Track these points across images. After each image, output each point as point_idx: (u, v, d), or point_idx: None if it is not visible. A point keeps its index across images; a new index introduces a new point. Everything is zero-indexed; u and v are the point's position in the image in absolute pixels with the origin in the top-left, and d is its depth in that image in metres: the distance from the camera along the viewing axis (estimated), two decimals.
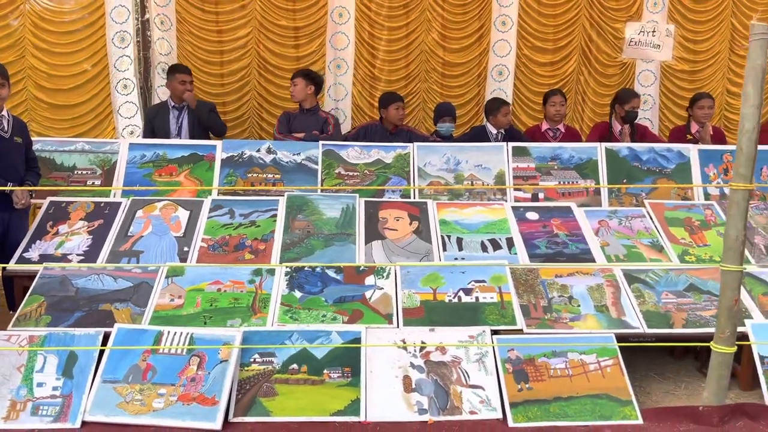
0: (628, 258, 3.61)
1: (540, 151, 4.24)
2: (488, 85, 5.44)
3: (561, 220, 3.88)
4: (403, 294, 3.28)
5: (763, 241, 3.76)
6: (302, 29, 5.23)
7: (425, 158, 4.19)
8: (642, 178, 4.20)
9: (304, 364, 2.92)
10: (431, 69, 5.38)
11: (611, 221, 3.88)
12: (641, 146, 4.27)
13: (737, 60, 5.53)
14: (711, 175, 4.22)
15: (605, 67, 5.47)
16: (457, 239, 3.70)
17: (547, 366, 2.96)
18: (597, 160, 4.22)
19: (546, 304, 3.27)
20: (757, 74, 2.56)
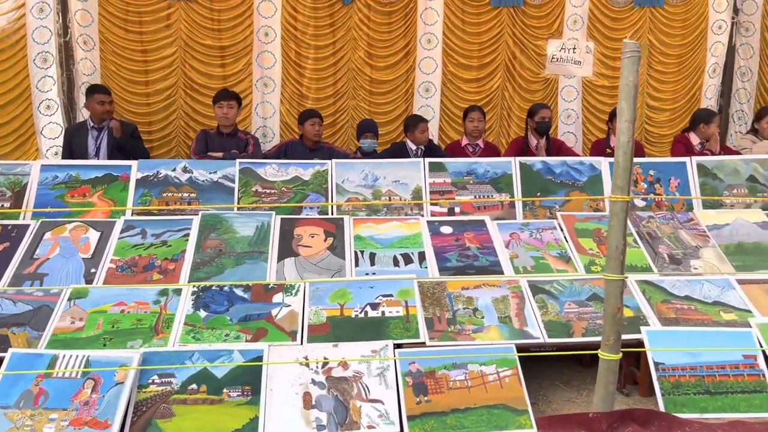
0: (536, 269, 3.71)
1: (456, 167, 4.33)
2: (416, 102, 5.54)
3: (474, 234, 3.96)
4: (310, 311, 3.31)
5: (667, 250, 3.90)
6: (228, 48, 5.26)
7: (343, 175, 4.24)
8: (555, 191, 4.32)
9: (204, 384, 2.91)
10: (359, 86, 5.46)
11: (522, 234, 3.97)
12: (554, 160, 4.40)
13: (655, 75, 5.75)
14: None
15: (529, 83, 5.63)
16: (370, 254, 3.74)
17: (446, 378, 3.01)
18: (511, 174, 4.32)
19: (450, 316, 3.32)
20: (630, 90, 2.69)
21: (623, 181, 2.74)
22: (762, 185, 4.39)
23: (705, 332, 3.30)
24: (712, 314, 3.43)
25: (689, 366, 3.16)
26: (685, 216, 4.17)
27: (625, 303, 3.50)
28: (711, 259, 3.84)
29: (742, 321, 3.38)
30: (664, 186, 4.38)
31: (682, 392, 3.08)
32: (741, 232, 4.04)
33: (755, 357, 3.20)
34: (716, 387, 3.10)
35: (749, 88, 5.84)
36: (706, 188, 4.36)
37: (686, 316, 3.42)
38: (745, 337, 3.28)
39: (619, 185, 2.74)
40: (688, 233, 4.03)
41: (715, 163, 4.43)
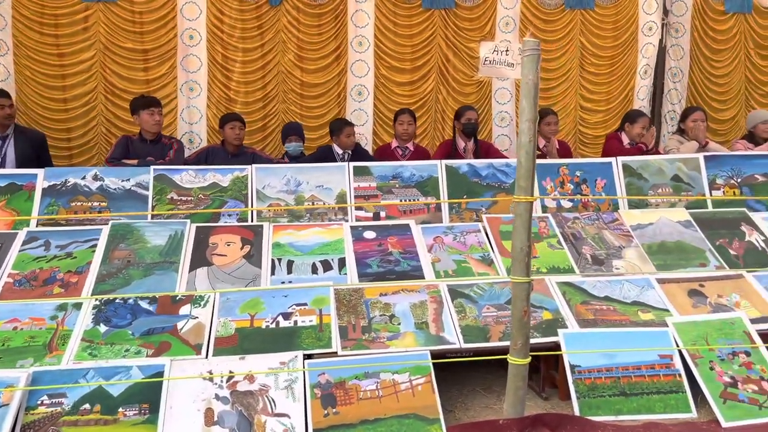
0: (457, 273, 3.65)
1: (381, 170, 4.26)
2: (348, 105, 5.46)
3: (397, 238, 3.89)
4: (218, 322, 3.18)
5: (590, 251, 3.89)
6: (151, 52, 5.10)
7: (264, 180, 4.12)
8: (481, 194, 4.28)
9: (98, 404, 2.76)
10: (289, 90, 5.36)
11: (446, 237, 3.92)
12: (481, 162, 4.37)
13: (588, 77, 5.80)
14: (548, 188, 4.35)
15: (462, 85, 5.61)
16: (288, 262, 3.64)
17: (357, 388, 2.92)
18: (438, 177, 4.27)
19: (366, 324, 3.24)
20: (530, 89, 2.65)
21: (526, 181, 2.70)
22: (686, 184, 4.43)
23: (621, 333, 3.28)
24: (631, 314, 3.42)
25: (605, 368, 3.14)
26: (610, 216, 4.17)
27: (545, 305, 3.50)
28: (633, 259, 3.84)
29: (660, 320, 3.38)
30: (591, 186, 4.39)
31: (597, 394, 3.06)
32: (664, 232, 4.07)
33: (671, 357, 3.20)
34: (632, 388, 3.08)
35: (680, 89, 5.93)
36: (632, 188, 4.39)
37: (605, 317, 3.40)
38: (662, 337, 3.28)
39: (522, 186, 2.70)
40: (612, 233, 4.03)
41: (640, 163, 4.46)
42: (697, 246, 3.97)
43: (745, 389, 3.08)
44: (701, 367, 3.17)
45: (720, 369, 3.16)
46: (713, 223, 4.15)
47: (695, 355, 3.21)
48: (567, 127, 5.77)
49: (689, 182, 4.44)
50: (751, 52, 5.93)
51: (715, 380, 3.11)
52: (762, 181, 4.52)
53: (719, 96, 5.94)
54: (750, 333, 3.32)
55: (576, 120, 5.81)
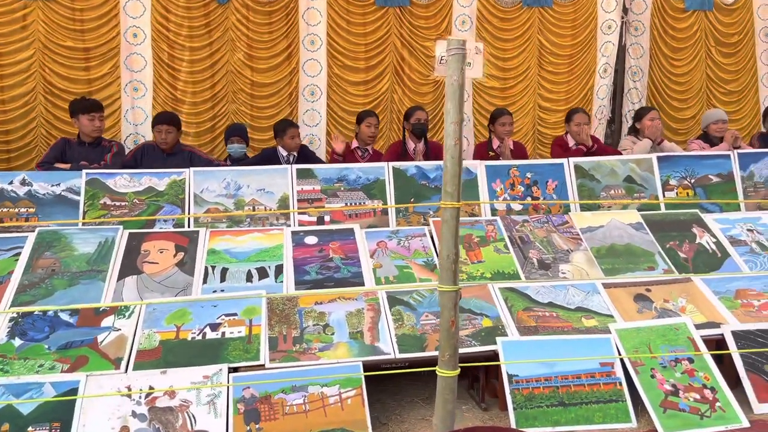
0: (398, 279, 3.56)
1: (326, 173, 4.15)
2: (300, 105, 5.35)
3: (340, 243, 3.79)
4: (142, 334, 3.05)
5: (537, 255, 3.81)
6: (93, 50, 4.95)
7: (202, 184, 4.00)
8: (429, 197, 4.19)
9: (6, 422, 2.63)
10: (239, 90, 5.23)
11: (390, 242, 3.82)
12: (429, 164, 4.28)
13: (546, 76, 5.73)
14: (498, 191, 4.27)
15: (418, 85, 5.52)
16: (222, 270, 3.52)
17: (283, 403, 2.82)
18: (384, 179, 4.17)
19: (298, 334, 3.13)
20: (455, 90, 2.55)
21: (452, 186, 2.60)
22: (639, 186, 4.38)
23: (562, 341, 3.21)
24: (574, 321, 3.35)
25: (544, 377, 3.06)
26: (560, 219, 4.10)
27: (485, 312, 3.41)
28: (580, 263, 3.78)
29: (603, 327, 3.31)
30: (542, 188, 4.31)
31: (535, 405, 2.98)
32: (614, 234, 4.00)
33: (612, 365, 3.13)
34: (570, 398, 3.01)
35: (640, 88, 5.89)
36: (584, 190, 4.32)
37: (547, 324, 3.33)
38: (603, 345, 3.21)
39: (448, 191, 2.60)
40: (562, 237, 3.96)
41: (592, 164, 4.40)
42: (646, 249, 3.91)
43: (686, 397, 3.02)
44: (642, 375, 3.10)
45: (661, 377, 3.10)
46: (664, 225, 4.10)
47: (637, 363, 3.15)
48: (525, 127, 5.71)
49: (642, 183, 4.39)
50: (712, 50, 5.90)
51: (656, 388, 3.05)
52: (716, 181, 4.48)
53: (679, 95, 5.91)
54: (694, 339, 3.27)
55: (535, 120, 5.74)
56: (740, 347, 3.25)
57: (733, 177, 4.50)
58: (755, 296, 3.60)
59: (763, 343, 3.29)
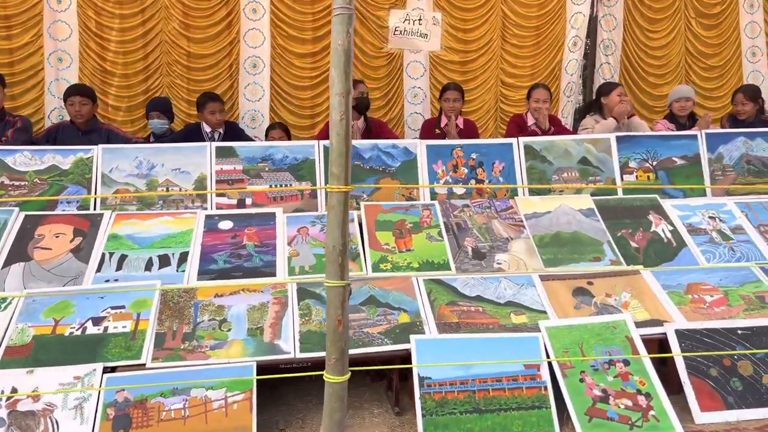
0: (314, 269, 3.28)
1: (249, 152, 3.86)
2: (242, 79, 5.04)
3: (257, 229, 3.51)
4: (15, 329, 2.79)
5: (473, 243, 3.53)
6: (13, 18, 4.64)
7: (112, 162, 3.71)
8: (363, 178, 3.90)
9: None
10: (173, 61, 4.92)
11: (313, 228, 3.54)
12: (364, 143, 3.99)
13: (510, 49, 5.40)
14: (439, 173, 3.97)
15: (371, 58, 5.19)
16: (120, 257, 3.25)
17: (160, 407, 2.56)
18: (314, 159, 3.88)
19: (190, 330, 2.87)
20: (340, 56, 2.25)
21: (339, 167, 2.30)
22: (594, 168, 4.07)
23: (484, 339, 2.94)
24: (501, 317, 3.07)
25: (459, 380, 2.79)
26: (504, 204, 3.81)
27: (404, 306, 3.13)
28: (519, 253, 3.49)
29: (533, 324, 3.03)
30: (487, 170, 4.01)
31: (447, 411, 2.71)
32: (561, 221, 3.71)
33: (538, 367, 2.86)
34: (488, 404, 2.74)
35: (613, 63, 5.54)
36: (534, 172, 4.02)
37: (470, 321, 3.05)
38: (530, 344, 2.94)
39: (334, 173, 2.30)
40: (503, 223, 3.67)
41: (544, 144, 4.09)
42: (594, 237, 3.62)
43: (616, 404, 2.75)
44: (570, 378, 2.83)
45: (591, 381, 2.82)
46: (618, 212, 3.81)
47: (565, 365, 2.87)
48: (487, 104, 5.38)
49: (598, 165, 4.08)
50: (692, 22, 5.53)
51: (584, 394, 2.78)
52: (680, 164, 4.17)
53: (656, 70, 5.55)
54: (632, 339, 2.99)
55: (497, 97, 5.41)
56: (684, 348, 2.98)
57: (700, 159, 4.19)
58: (708, 291, 3.31)
59: (710, 344, 3.01)
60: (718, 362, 2.95)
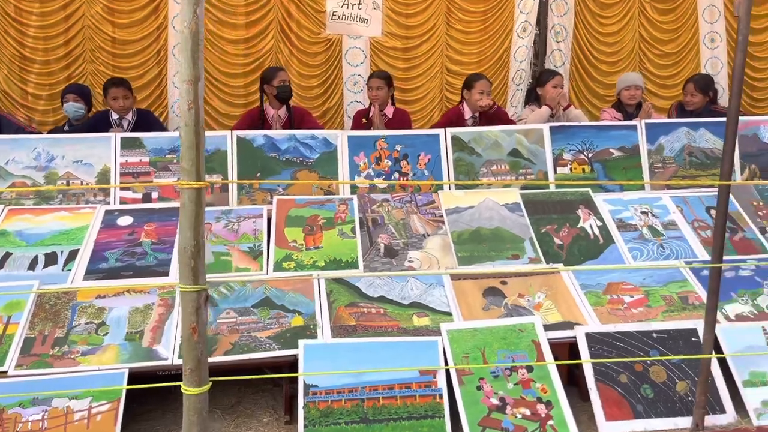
0: (210, 269, 3.11)
1: (157, 143, 3.68)
2: (170, 65, 4.85)
3: (157, 225, 3.35)
4: None
5: (387, 239, 3.36)
6: None
7: (8, 154, 3.54)
8: (279, 171, 3.73)
9: None
10: (97, 47, 4.72)
11: (217, 224, 3.38)
12: (280, 134, 3.81)
13: (456, 35, 5.21)
14: (361, 165, 3.80)
15: (308, 44, 5.00)
16: (5, 255, 3.08)
17: (17, 419, 2.41)
18: (226, 151, 3.71)
19: (63, 334, 2.71)
20: (187, 40, 2.07)
21: (189, 162, 2.12)
22: (525, 160, 3.90)
23: (379, 344, 2.78)
24: (403, 319, 2.92)
25: (348, 388, 2.64)
26: (426, 198, 3.65)
27: (299, 308, 2.96)
28: (433, 250, 3.33)
29: (435, 327, 2.88)
30: (412, 163, 3.84)
31: (331, 422, 2.56)
32: (484, 216, 3.55)
33: (435, 373, 2.70)
34: (377, 413, 2.59)
35: (564, 49, 5.35)
36: (461, 165, 3.85)
37: (369, 323, 2.89)
38: (428, 349, 2.78)
39: (185, 168, 2.13)
40: (421, 218, 3.51)
41: (473, 135, 3.91)
42: (516, 234, 3.46)
43: (513, 414, 2.60)
44: (467, 385, 2.68)
45: (489, 388, 2.67)
46: (546, 206, 3.64)
47: (464, 372, 2.72)
48: (431, 92, 5.20)
49: (529, 158, 3.91)
50: (646, 6, 5.33)
51: (480, 402, 2.63)
52: (617, 156, 4.00)
53: (608, 57, 5.37)
54: (539, 343, 2.83)
55: (442, 85, 5.23)
56: (594, 352, 2.83)
57: (639, 151, 4.02)
58: (629, 291, 3.16)
59: (622, 348, 2.86)
60: (629, 368, 2.81)
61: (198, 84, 2.11)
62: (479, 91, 4.18)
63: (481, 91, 4.18)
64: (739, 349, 2.91)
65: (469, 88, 4.25)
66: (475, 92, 4.20)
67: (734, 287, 3.22)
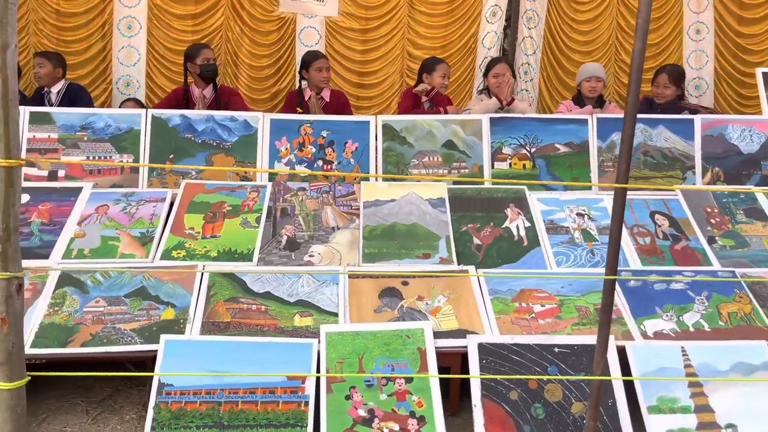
0: (94, 254, 2.97)
1: (67, 118, 3.54)
2: (115, 41, 4.71)
3: (53, 205, 3.22)
4: None
5: (293, 231, 3.17)
6: None
7: None
8: (193, 153, 3.55)
9: None
10: (41, 19, 4.60)
11: (115, 206, 3.24)
12: (198, 114, 3.64)
13: (419, 18, 4.95)
14: (282, 150, 3.60)
15: (260, 22, 4.81)
16: None
17: None
18: (139, 130, 3.54)
19: None
20: None
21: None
22: (460, 153, 3.65)
23: (250, 344, 2.59)
24: (283, 318, 2.72)
25: (206, 390, 2.46)
26: (347, 189, 3.44)
27: (174, 301, 2.77)
28: (339, 245, 3.12)
29: (315, 328, 2.67)
30: (338, 150, 3.63)
31: (181, 425, 2.38)
32: (403, 211, 3.32)
33: (303, 379, 2.51)
34: (233, 419, 2.41)
35: (536, 37, 5.04)
36: (391, 155, 3.62)
37: (245, 321, 2.71)
38: (301, 351, 2.58)
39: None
40: (336, 210, 3.31)
41: (406, 123, 3.68)
42: (432, 231, 3.22)
43: (380, 428, 2.39)
44: (336, 394, 2.47)
45: (359, 398, 2.46)
46: (474, 203, 3.40)
47: (335, 379, 2.52)
48: (391, 77, 4.95)
49: (465, 150, 3.66)
50: None
51: (346, 413, 2.42)
52: (563, 152, 3.73)
53: (582, 46, 5.04)
54: (425, 351, 2.61)
55: (403, 70, 4.98)
56: (485, 365, 2.59)
57: (588, 147, 3.73)
58: (541, 299, 2.90)
59: (518, 362, 2.62)
60: (522, 384, 2.56)
61: (6, 52, 1.93)
62: (441, 75, 3.96)
63: (443, 74, 3.96)
64: (651, 370, 2.64)
65: (429, 71, 4.02)
66: (436, 76, 3.98)
67: (662, 301, 2.93)
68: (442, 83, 4.06)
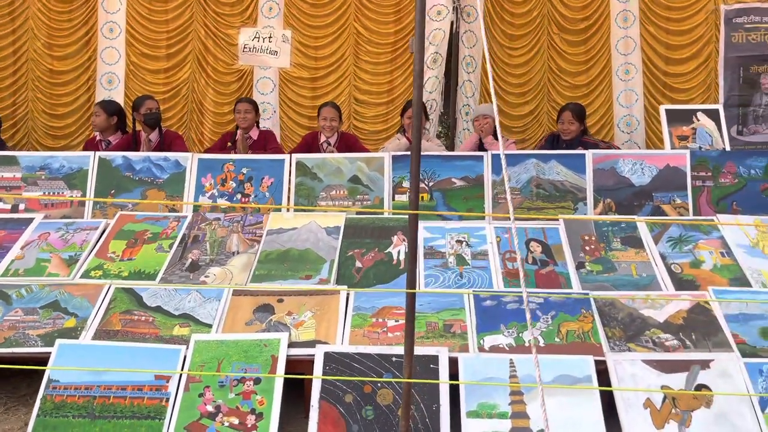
0: (27, 273, 3.47)
1: (30, 161, 4.12)
2: (98, 93, 5.35)
3: (6, 232, 3.76)
4: None
5: (198, 255, 3.59)
6: None
7: None
8: (131, 189, 4.06)
9: None
10: (37, 78, 5.30)
11: (55, 234, 3.75)
12: (137, 155, 4.14)
13: (364, 66, 5.37)
14: (206, 186, 4.06)
15: (222, 74, 5.35)
16: None
17: None
18: (87, 170, 4.08)
19: None
20: None
21: None
22: (364, 186, 4.01)
23: (130, 348, 2.99)
24: (165, 328, 3.12)
25: (84, 385, 2.87)
26: (257, 218, 3.85)
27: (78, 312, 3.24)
28: (234, 267, 3.52)
29: (188, 337, 3.05)
30: (255, 185, 4.05)
31: (60, 414, 2.79)
32: (300, 238, 3.70)
33: (168, 378, 2.88)
34: (104, 410, 2.80)
35: (474, 80, 5.37)
36: (302, 189, 4.02)
37: (132, 330, 3.12)
38: (170, 356, 2.96)
39: None
40: (240, 237, 3.71)
41: (316, 161, 4.08)
42: (321, 255, 3.58)
43: (221, 421, 2.73)
44: (191, 392, 2.83)
45: (210, 396, 2.82)
46: (365, 231, 3.74)
47: (194, 379, 2.88)
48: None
49: (368, 184, 4.02)
50: (555, 38, 5.26)
51: (196, 408, 2.78)
52: (459, 185, 4.02)
53: (516, 88, 5.32)
54: (277, 358, 2.94)
55: (350, 114, 5.39)
56: (326, 371, 2.90)
57: (482, 181, 4.02)
58: (397, 315, 3.19)
59: (357, 369, 2.91)
60: (358, 388, 2.85)
61: None
62: (323, 118, 4.39)
63: (324, 117, 4.38)
64: (477, 380, 2.88)
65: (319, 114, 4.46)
66: (320, 119, 4.41)
67: (507, 319, 3.16)
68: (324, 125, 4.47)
